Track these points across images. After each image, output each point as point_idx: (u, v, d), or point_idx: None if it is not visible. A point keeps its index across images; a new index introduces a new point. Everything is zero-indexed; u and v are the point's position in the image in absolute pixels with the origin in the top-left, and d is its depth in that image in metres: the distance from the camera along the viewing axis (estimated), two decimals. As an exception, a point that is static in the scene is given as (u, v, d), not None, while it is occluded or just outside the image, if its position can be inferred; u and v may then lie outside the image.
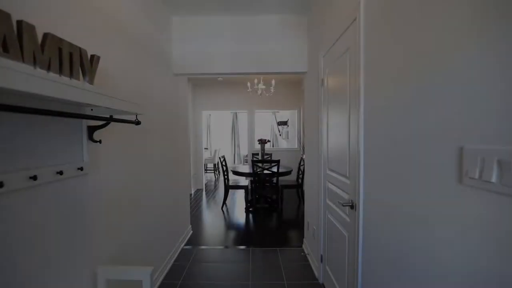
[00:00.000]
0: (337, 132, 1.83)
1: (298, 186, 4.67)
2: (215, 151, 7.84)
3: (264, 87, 4.65)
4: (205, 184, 7.10)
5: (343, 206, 1.55)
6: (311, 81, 2.64)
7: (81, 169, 1.25)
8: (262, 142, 4.68)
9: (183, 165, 3.23)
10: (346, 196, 1.65)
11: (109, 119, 1.30)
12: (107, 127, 1.42)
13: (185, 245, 3.10)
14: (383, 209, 1.20)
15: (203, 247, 3.07)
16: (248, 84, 4.68)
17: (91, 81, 1.15)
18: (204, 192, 6.20)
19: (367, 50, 1.35)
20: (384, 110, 1.19)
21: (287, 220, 4.10)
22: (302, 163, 4.86)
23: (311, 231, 2.64)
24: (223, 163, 4.77)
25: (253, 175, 4.20)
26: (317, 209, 2.38)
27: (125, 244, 1.73)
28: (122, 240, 1.70)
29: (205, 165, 8.26)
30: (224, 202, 4.79)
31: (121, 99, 1.21)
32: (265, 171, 4.28)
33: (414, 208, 0.97)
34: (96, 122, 1.35)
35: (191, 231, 3.48)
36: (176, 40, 2.81)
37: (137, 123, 1.38)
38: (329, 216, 2.03)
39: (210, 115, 10.62)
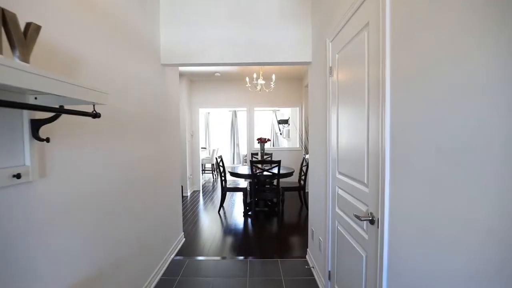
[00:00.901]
0: (351, 130, 1.52)
1: (300, 188, 4.36)
2: (213, 150, 7.54)
3: (263, 82, 4.33)
4: (203, 185, 6.80)
5: (361, 220, 1.24)
6: (316, 72, 2.33)
7: (18, 176, 0.94)
8: (262, 141, 4.37)
9: (174, 166, 2.92)
10: (363, 208, 1.34)
11: (59, 111, 0.99)
12: (60, 121, 1.11)
13: (176, 255, 2.80)
14: (425, 237, 0.89)
15: (195, 258, 2.76)
16: (247, 79, 4.37)
17: (24, 58, 0.84)
18: (201, 194, 5.90)
19: (396, 22, 1.04)
20: (422, 103, 0.88)
21: (289, 225, 3.80)
22: (304, 164, 4.56)
23: (316, 241, 2.33)
24: (220, 164, 4.47)
25: (251, 177, 3.89)
26: (323, 217, 2.07)
27: (97, 263, 1.43)
28: (93, 260, 1.40)
29: (203, 165, 7.96)
30: (221, 206, 4.48)
31: (71, 83, 0.91)
32: (265, 173, 3.97)
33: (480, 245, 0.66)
34: (45, 115, 1.04)
35: (184, 239, 3.17)
36: (165, 26, 2.50)
37: (95, 115, 1.07)
38: (339, 228, 1.72)
39: (208, 113, 10.34)
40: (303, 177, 4.44)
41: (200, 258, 2.76)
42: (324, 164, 2.06)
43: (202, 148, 8.50)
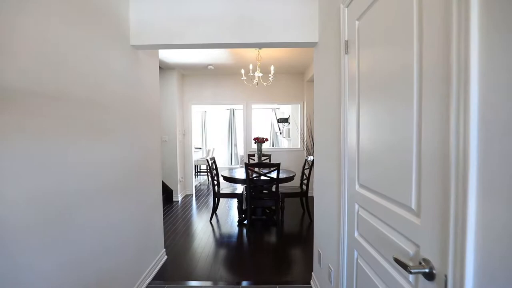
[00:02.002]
0: (381, 125, 1.04)
1: (302, 194, 3.88)
2: (209, 151, 7.06)
3: (261, 75, 3.85)
4: (197, 188, 6.32)
5: (411, 272, 0.76)
6: (325, 54, 1.85)
7: None
8: (259, 141, 3.88)
9: (153, 170, 2.44)
10: (408, 247, 0.85)
11: None
12: None
13: (153, 279, 2.31)
14: None
15: (177, 283, 2.27)
16: (242, 71, 3.88)
17: None
18: (193, 198, 5.42)
19: None
20: None
21: (290, 237, 3.31)
22: (306, 166, 4.08)
23: (325, 268, 1.85)
24: (213, 166, 3.98)
25: (247, 182, 3.41)
26: (335, 241, 1.59)
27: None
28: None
29: (197, 166, 7.49)
30: (213, 213, 3.99)
31: None
32: (262, 177, 3.50)
33: None
34: None
35: (165, 257, 2.69)
36: (136, 1, 2.02)
37: None
38: (360, 261, 1.24)
39: (205, 112, 9.89)
40: (305, 181, 3.96)
41: (182, 284, 2.28)
42: (336, 171, 1.58)
43: (197, 148, 8.04)
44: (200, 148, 8.08)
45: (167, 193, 5.04)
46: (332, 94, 1.67)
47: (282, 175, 3.62)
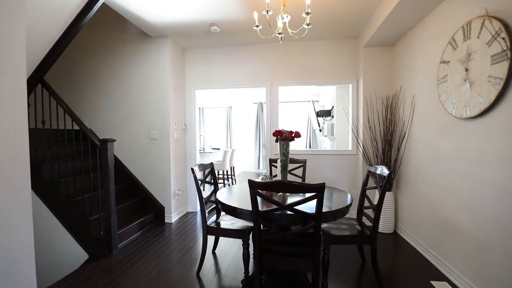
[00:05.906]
0: None
1: (365, 239, 2.06)
2: (225, 152, 5.51)
3: (288, 19, 2.14)
4: (206, 201, 4.80)
5: None
6: None
7: None
8: (284, 137, 2.18)
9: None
10: None
11: None
12: None
13: None
14: None
15: None
16: (255, 15, 2.21)
17: None
18: (198, 216, 3.90)
19: None
20: None
21: None
22: (370, 184, 2.26)
23: None
24: (209, 179, 2.36)
25: (254, 219, 1.71)
26: None
27: None
28: None
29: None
30: (202, 262, 2.38)
31: None
32: (284, 209, 1.77)
33: None
34: None
35: None
36: None
37: None
38: None
39: (230, 107, 8.49)
40: (367, 210, 2.15)
41: None
42: None
43: (214, 149, 6.60)
44: (219, 149, 6.60)
45: (157, 211, 3.59)
46: None
47: (327, 204, 1.87)
